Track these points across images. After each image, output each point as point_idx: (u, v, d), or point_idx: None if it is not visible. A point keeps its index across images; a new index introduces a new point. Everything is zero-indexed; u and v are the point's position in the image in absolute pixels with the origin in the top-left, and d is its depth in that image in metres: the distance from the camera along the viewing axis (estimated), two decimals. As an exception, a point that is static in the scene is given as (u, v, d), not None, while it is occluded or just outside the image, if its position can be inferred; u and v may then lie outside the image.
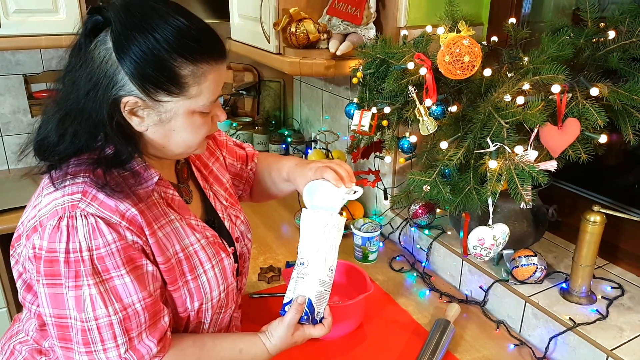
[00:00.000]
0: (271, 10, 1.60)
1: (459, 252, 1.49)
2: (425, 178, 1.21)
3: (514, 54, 1.33)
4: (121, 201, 0.86)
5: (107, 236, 0.83)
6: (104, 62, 0.82)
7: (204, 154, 1.16)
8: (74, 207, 0.83)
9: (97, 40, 0.83)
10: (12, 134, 2.26)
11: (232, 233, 1.11)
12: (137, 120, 0.87)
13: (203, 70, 0.86)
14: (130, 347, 0.87)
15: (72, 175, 0.86)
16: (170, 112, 0.87)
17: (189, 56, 0.83)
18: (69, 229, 0.82)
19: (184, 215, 0.98)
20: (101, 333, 0.84)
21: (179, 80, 0.84)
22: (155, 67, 0.82)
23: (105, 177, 0.85)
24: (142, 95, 0.84)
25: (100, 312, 0.83)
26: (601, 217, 1.18)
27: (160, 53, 0.81)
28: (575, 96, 1.08)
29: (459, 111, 1.22)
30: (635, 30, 1.14)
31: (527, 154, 1.08)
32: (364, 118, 1.36)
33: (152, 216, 0.91)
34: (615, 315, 1.21)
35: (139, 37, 0.81)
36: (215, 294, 0.99)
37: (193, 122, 0.90)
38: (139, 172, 0.90)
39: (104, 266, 0.83)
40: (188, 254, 0.96)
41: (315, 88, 2.24)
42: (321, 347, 1.26)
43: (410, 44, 1.34)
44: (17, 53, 2.19)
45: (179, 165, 1.07)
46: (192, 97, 0.86)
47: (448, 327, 1.26)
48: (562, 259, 1.44)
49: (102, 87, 0.83)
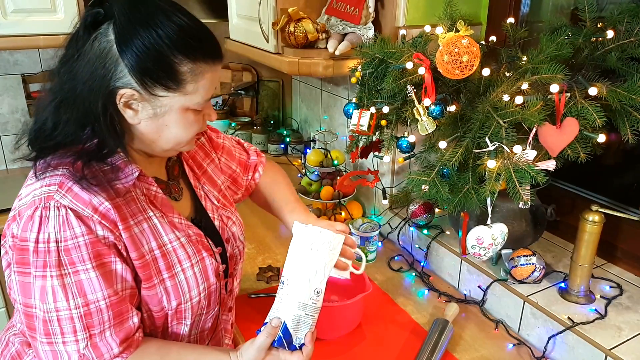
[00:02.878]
0: (270, 10, 1.60)
1: (457, 252, 1.49)
2: (424, 178, 1.21)
3: (512, 54, 1.33)
4: (96, 195, 0.86)
5: (75, 229, 0.84)
6: (104, 54, 0.84)
7: (199, 155, 1.16)
8: (49, 198, 0.84)
9: (98, 32, 0.84)
10: (10, 134, 2.26)
11: (223, 234, 1.10)
12: (131, 113, 0.88)
13: (201, 69, 0.88)
14: (90, 344, 0.86)
15: (52, 167, 0.87)
16: (165, 107, 0.88)
17: (190, 54, 0.85)
18: (41, 219, 0.83)
19: (166, 212, 0.98)
20: (61, 326, 0.85)
21: (177, 77, 0.86)
22: (156, 62, 0.84)
23: (84, 170, 0.86)
24: (139, 88, 0.85)
25: (61, 304, 0.84)
26: (600, 216, 1.19)
27: (161, 48, 0.83)
28: (573, 96, 1.08)
29: (458, 111, 1.22)
30: (633, 30, 1.14)
31: (526, 153, 1.08)
32: (363, 118, 1.36)
33: (129, 211, 0.91)
34: (614, 315, 1.21)
35: (142, 32, 0.83)
36: (195, 293, 0.98)
37: (186, 118, 0.91)
38: (119, 167, 0.90)
39: (70, 259, 0.84)
40: (165, 251, 0.95)
41: (314, 88, 2.24)
42: (320, 347, 1.25)
43: (409, 44, 1.34)
44: (16, 53, 2.18)
45: (170, 163, 1.07)
46: (188, 94, 0.88)
47: (447, 327, 1.26)
48: (560, 259, 1.44)
49: (99, 77, 0.84)
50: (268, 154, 2.39)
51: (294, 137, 2.34)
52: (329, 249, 0.98)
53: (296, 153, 2.34)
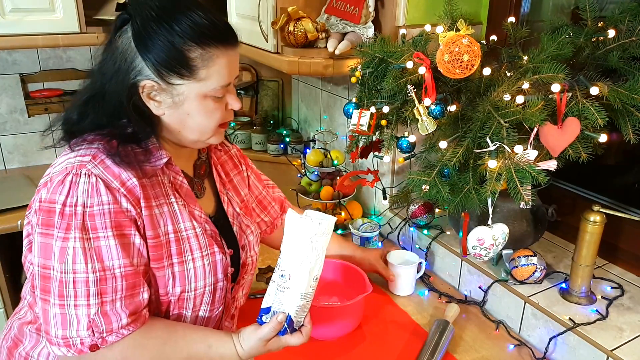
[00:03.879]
0: (269, 9, 1.59)
1: (458, 252, 1.49)
2: (424, 178, 1.21)
3: (513, 53, 1.33)
4: (125, 170, 0.91)
5: (102, 196, 0.88)
6: (125, 50, 0.90)
7: (228, 164, 1.20)
8: (82, 166, 0.89)
9: (121, 31, 0.91)
10: (8, 133, 2.25)
11: (239, 239, 1.12)
12: (155, 104, 0.94)
13: (211, 54, 0.91)
14: (101, 311, 0.89)
15: (88, 142, 0.93)
16: (182, 95, 0.93)
17: (198, 39, 0.90)
18: (71, 184, 0.88)
19: (188, 202, 1.01)
20: (76, 288, 0.87)
21: (188, 63, 0.90)
22: (167, 51, 0.89)
23: (118, 148, 0.91)
24: (157, 78, 0.91)
25: (79, 266, 0.87)
26: (601, 216, 1.18)
27: (172, 38, 0.89)
28: (575, 95, 1.07)
29: (458, 110, 1.21)
30: (635, 29, 1.13)
31: (527, 153, 1.07)
32: (363, 117, 1.35)
33: (153, 193, 0.95)
34: (615, 316, 1.21)
35: (154, 25, 0.89)
36: (200, 285, 1.00)
37: (206, 106, 0.95)
38: (151, 150, 0.95)
39: (93, 224, 0.88)
40: (180, 237, 0.98)
41: (314, 87, 2.23)
42: (320, 348, 1.25)
43: (409, 43, 1.34)
44: (14, 52, 2.17)
45: (198, 161, 1.11)
46: (201, 80, 0.92)
47: (447, 328, 1.25)
48: (561, 259, 1.43)
49: (123, 72, 0.90)
50: (267, 154, 2.38)
51: (293, 137, 2.34)
52: (326, 236, 0.98)
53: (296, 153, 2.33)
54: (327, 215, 0.99)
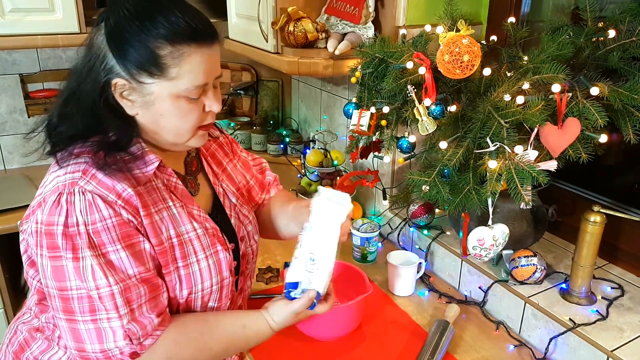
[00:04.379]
0: (269, 10, 1.59)
1: (458, 253, 1.48)
2: (424, 178, 1.21)
3: (513, 53, 1.32)
4: (119, 181, 0.89)
5: (103, 212, 0.86)
6: (99, 48, 0.88)
7: (219, 153, 1.17)
8: (73, 184, 0.86)
9: (97, 29, 0.89)
10: (8, 134, 2.25)
11: (238, 231, 1.12)
12: (128, 104, 0.90)
13: (181, 52, 0.86)
14: (132, 318, 0.89)
15: (75, 156, 0.90)
16: (153, 94, 0.89)
17: (168, 37, 0.85)
18: (67, 204, 0.85)
19: (186, 203, 1.00)
20: (103, 302, 0.87)
21: (157, 61, 0.86)
22: (137, 49, 0.86)
23: (106, 159, 0.88)
24: (127, 77, 0.87)
25: (101, 282, 0.86)
26: (601, 217, 1.18)
27: (142, 35, 0.85)
28: (575, 95, 1.07)
29: (458, 111, 1.21)
30: (635, 30, 1.13)
31: (527, 153, 1.07)
32: (363, 118, 1.35)
33: (150, 200, 0.94)
34: (616, 316, 1.21)
35: (126, 23, 0.86)
36: (207, 285, 1.00)
37: (179, 107, 0.90)
38: (139, 156, 0.93)
39: (100, 240, 0.86)
40: (182, 240, 0.97)
41: (314, 88, 2.23)
42: (320, 348, 1.25)
43: (409, 43, 1.34)
44: (14, 52, 2.17)
45: (188, 158, 1.09)
46: (173, 79, 0.88)
47: (447, 328, 1.25)
48: (561, 259, 1.43)
49: (96, 70, 0.88)
50: (267, 154, 2.38)
51: (293, 137, 2.34)
52: (348, 217, 1.05)
53: (296, 153, 2.33)
54: (341, 193, 1.07)
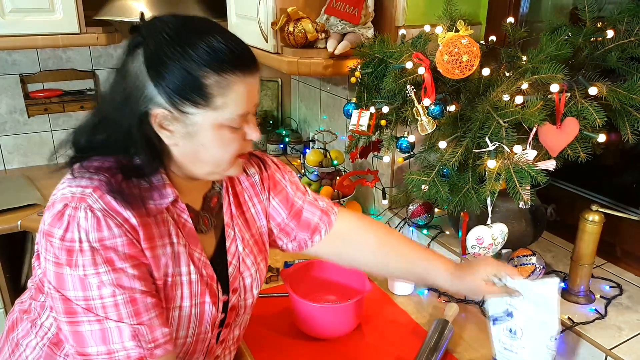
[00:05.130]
0: (269, 10, 1.59)
1: (457, 252, 1.49)
2: (423, 178, 1.21)
3: (512, 54, 1.33)
4: (126, 209, 0.85)
5: (113, 229, 0.83)
6: (136, 76, 0.84)
7: (247, 193, 1.10)
8: (82, 199, 0.83)
9: (133, 56, 0.85)
10: (8, 134, 2.25)
11: (232, 282, 1.03)
12: (167, 134, 0.87)
13: (228, 81, 0.84)
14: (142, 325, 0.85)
15: (92, 171, 0.87)
16: (196, 124, 0.86)
17: (215, 66, 0.83)
18: (69, 218, 0.82)
19: (189, 243, 0.95)
20: (107, 311, 0.83)
21: (203, 91, 0.83)
22: (181, 78, 0.82)
23: (122, 184, 0.85)
24: (169, 107, 0.84)
25: (105, 291, 0.83)
26: (600, 216, 1.18)
27: (187, 64, 0.82)
28: (573, 95, 1.08)
29: (458, 111, 1.21)
30: (633, 30, 1.14)
31: (526, 153, 1.08)
32: (362, 118, 1.36)
33: (157, 232, 0.90)
34: (614, 315, 1.21)
35: (167, 51, 0.82)
36: (182, 334, 0.95)
37: (222, 136, 0.88)
38: (156, 187, 0.90)
39: (109, 257, 0.83)
40: (174, 282, 0.93)
41: (313, 88, 2.24)
42: (320, 347, 1.25)
43: (409, 44, 1.34)
44: (14, 53, 2.18)
45: (210, 192, 1.03)
46: (217, 108, 0.85)
47: (447, 327, 1.26)
48: (560, 259, 1.44)
49: (134, 99, 0.84)
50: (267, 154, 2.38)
51: (293, 137, 2.34)
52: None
53: (295, 153, 2.33)
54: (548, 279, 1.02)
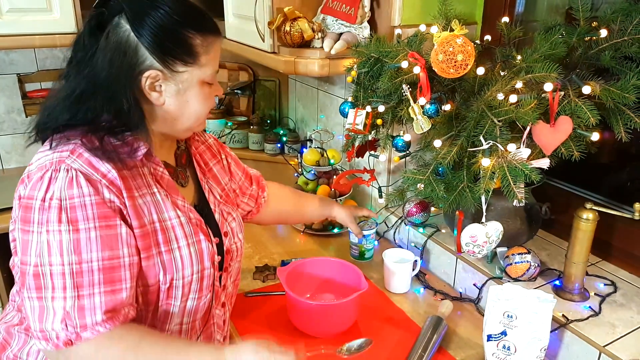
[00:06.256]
0: (265, 9, 1.60)
1: (453, 250, 1.50)
2: (419, 176, 1.22)
3: (507, 53, 1.33)
4: (105, 162, 0.91)
5: (83, 188, 0.88)
6: (122, 44, 0.90)
7: (206, 154, 1.22)
8: (60, 161, 0.88)
9: (109, 28, 0.90)
10: (6, 133, 2.25)
11: (221, 226, 1.13)
12: (156, 95, 0.95)
13: (209, 41, 0.96)
14: (78, 305, 0.86)
15: (67, 138, 0.92)
16: (186, 82, 0.96)
17: (198, 27, 0.94)
18: (50, 180, 0.87)
19: (170, 193, 1.02)
20: (53, 280, 0.86)
21: (192, 50, 0.94)
22: (172, 39, 0.92)
23: (97, 142, 0.91)
24: (162, 67, 0.92)
25: (55, 259, 0.86)
26: (594, 214, 1.19)
27: (174, 26, 0.91)
28: (567, 94, 1.09)
29: (453, 110, 1.22)
30: (626, 29, 1.14)
31: (520, 151, 1.08)
32: (359, 116, 1.36)
33: (135, 184, 0.95)
34: (608, 312, 1.22)
35: (153, 13, 0.90)
36: (188, 272, 1.00)
37: (204, 92, 0.99)
38: (129, 142, 0.95)
39: (74, 216, 0.87)
40: (165, 226, 0.98)
41: (310, 87, 2.24)
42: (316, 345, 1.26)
43: (404, 43, 1.35)
44: (11, 52, 2.18)
45: (178, 151, 1.12)
46: (203, 66, 0.96)
47: (440, 324, 1.27)
48: (555, 257, 1.45)
49: (121, 67, 0.90)
50: (264, 153, 2.39)
51: (290, 137, 2.35)
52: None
53: (293, 152, 2.34)
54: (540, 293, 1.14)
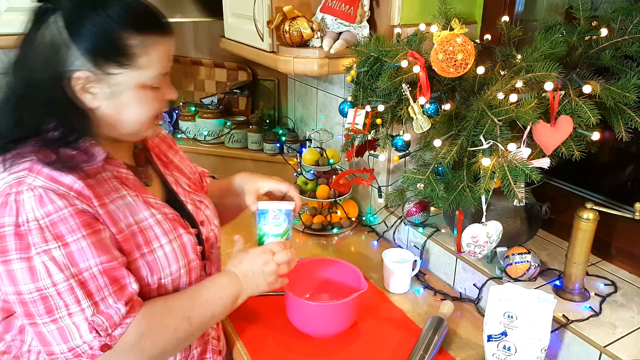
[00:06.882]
0: (264, 9, 1.59)
1: (453, 250, 1.49)
2: (419, 176, 1.21)
3: (507, 52, 1.33)
4: (67, 174, 0.87)
5: (57, 202, 0.84)
6: (55, 42, 0.85)
7: (163, 146, 1.19)
8: (20, 183, 0.84)
9: (45, 24, 0.86)
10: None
11: (197, 216, 1.12)
12: (90, 97, 0.89)
13: (150, 42, 0.89)
14: (97, 311, 0.86)
15: (21, 156, 0.87)
16: (121, 84, 0.89)
17: (137, 26, 0.88)
18: (17, 203, 0.83)
19: (140, 192, 0.99)
20: (63, 298, 0.84)
21: (127, 51, 0.87)
22: (105, 39, 0.86)
23: (52, 155, 0.87)
24: (93, 68, 0.86)
25: (57, 277, 0.83)
26: (594, 214, 1.19)
27: (109, 25, 0.85)
28: (568, 94, 1.08)
29: (453, 109, 1.22)
30: (627, 28, 1.14)
31: (520, 151, 1.08)
32: (358, 116, 1.36)
33: (103, 190, 0.92)
34: (609, 312, 1.22)
35: (89, 12, 0.85)
36: (174, 268, 0.99)
37: (144, 96, 0.92)
38: (85, 150, 0.91)
39: (58, 232, 0.84)
40: (142, 227, 0.96)
41: (310, 86, 2.24)
42: (316, 345, 1.25)
43: (404, 42, 1.34)
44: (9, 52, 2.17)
45: (136, 150, 1.09)
46: (141, 68, 0.89)
47: (441, 325, 1.26)
48: (555, 256, 1.44)
49: (53, 65, 0.86)
50: (264, 153, 2.38)
51: (289, 136, 2.34)
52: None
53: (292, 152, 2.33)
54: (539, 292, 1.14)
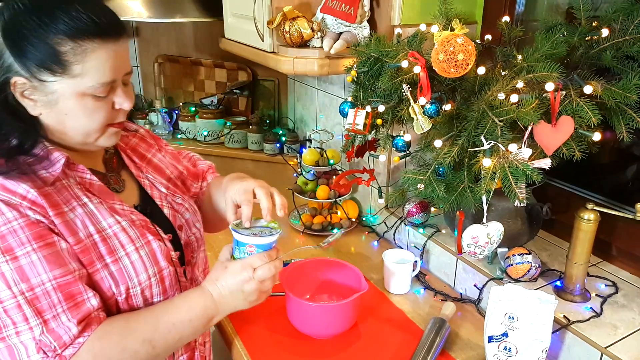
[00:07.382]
0: (264, 9, 1.59)
1: (453, 251, 1.49)
2: (419, 176, 1.21)
3: (507, 52, 1.33)
4: (22, 183, 0.84)
5: (6, 214, 0.82)
6: None
7: (140, 147, 1.15)
8: None
9: None
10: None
11: (174, 221, 1.08)
12: (30, 104, 0.87)
13: (85, 48, 0.84)
14: (46, 330, 0.83)
15: None
16: (56, 93, 0.86)
17: (69, 32, 0.83)
18: None
19: (105, 199, 0.96)
20: (10, 316, 0.81)
21: (59, 58, 0.83)
22: (34, 45, 0.82)
23: (7, 164, 0.85)
24: (27, 75, 0.84)
25: (5, 294, 0.81)
26: (595, 214, 1.19)
27: (39, 30, 0.82)
28: (569, 94, 1.08)
29: (453, 109, 1.21)
30: (628, 28, 1.14)
31: (521, 152, 1.08)
32: (358, 116, 1.36)
33: (61, 198, 0.89)
34: (610, 313, 1.22)
35: (23, 19, 0.82)
36: (144, 277, 0.95)
37: (85, 105, 0.88)
38: (43, 156, 0.88)
39: (6, 245, 0.81)
40: (105, 236, 0.92)
41: (310, 87, 2.23)
42: (316, 346, 1.25)
43: (404, 43, 1.34)
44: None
45: (107, 155, 1.06)
46: (76, 76, 0.85)
47: (444, 326, 1.26)
48: (556, 257, 1.44)
49: None
50: (264, 153, 2.38)
51: (289, 137, 2.34)
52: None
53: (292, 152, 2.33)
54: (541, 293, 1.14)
